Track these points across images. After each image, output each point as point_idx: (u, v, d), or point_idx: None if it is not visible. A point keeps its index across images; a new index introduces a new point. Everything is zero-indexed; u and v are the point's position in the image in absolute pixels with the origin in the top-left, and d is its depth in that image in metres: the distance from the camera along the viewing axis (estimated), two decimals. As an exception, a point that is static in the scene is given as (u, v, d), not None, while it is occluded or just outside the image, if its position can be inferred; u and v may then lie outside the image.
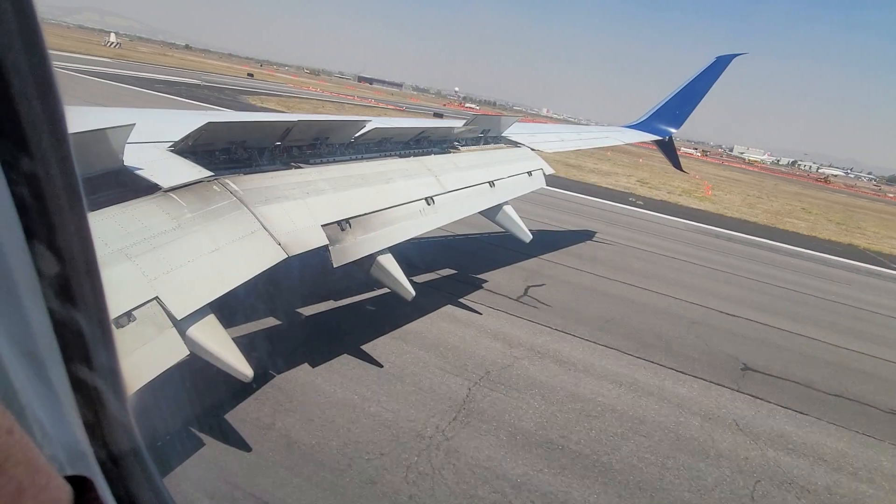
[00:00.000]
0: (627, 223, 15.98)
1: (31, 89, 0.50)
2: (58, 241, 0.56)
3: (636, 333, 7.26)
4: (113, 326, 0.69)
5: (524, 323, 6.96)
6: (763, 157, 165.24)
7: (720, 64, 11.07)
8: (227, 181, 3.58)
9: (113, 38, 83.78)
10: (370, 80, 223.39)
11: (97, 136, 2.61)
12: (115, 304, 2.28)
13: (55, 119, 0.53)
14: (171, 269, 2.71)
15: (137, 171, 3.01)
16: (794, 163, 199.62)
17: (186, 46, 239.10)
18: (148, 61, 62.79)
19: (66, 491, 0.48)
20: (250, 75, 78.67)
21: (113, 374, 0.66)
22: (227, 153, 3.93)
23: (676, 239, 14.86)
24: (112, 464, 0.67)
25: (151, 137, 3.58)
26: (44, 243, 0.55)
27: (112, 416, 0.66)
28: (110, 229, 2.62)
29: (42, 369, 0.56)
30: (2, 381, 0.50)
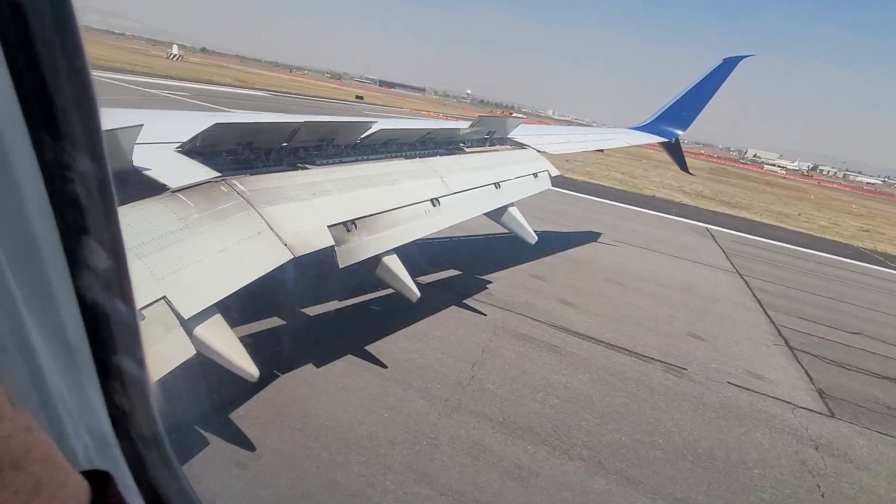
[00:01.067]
0: None
1: (70, 93, 0.53)
2: (90, 235, 0.58)
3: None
4: (140, 319, 0.71)
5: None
6: (797, 164, 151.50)
7: (727, 66, 11.02)
8: (234, 182, 3.60)
9: (175, 49, 77.95)
10: (391, 85, 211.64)
11: (107, 137, 2.63)
12: (135, 291, 2.32)
13: (91, 117, 0.56)
14: (178, 269, 2.73)
15: (145, 172, 3.04)
16: (814, 167, 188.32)
17: (203, 50, 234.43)
18: (262, 84, 52.89)
19: (84, 487, 0.48)
20: (359, 98, 68.94)
21: (139, 365, 0.67)
22: (234, 154, 3.95)
23: None
24: (136, 454, 0.68)
25: (159, 138, 3.61)
26: (76, 236, 0.57)
27: (137, 407, 0.67)
28: (119, 229, 2.64)
29: (73, 360, 0.58)
30: (34, 372, 0.51)
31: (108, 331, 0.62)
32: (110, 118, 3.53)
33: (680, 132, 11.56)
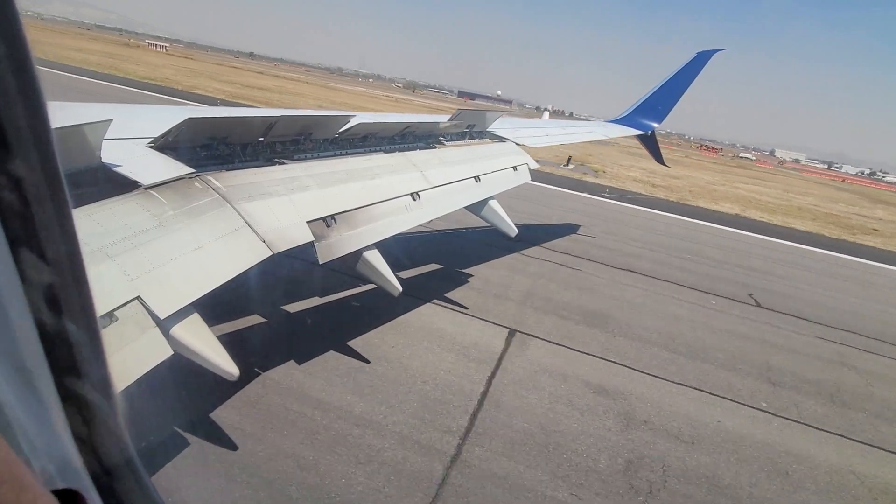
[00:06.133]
0: None
1: (11, 87, 0.47)
2: (43, 247, 0.53)
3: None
4: (102, 334, 0.66)
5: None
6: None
7: (701, 59, 11.22)
8: (209, 178, 3.51)
9: None
10: (472, 96, 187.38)
11: (73, 133, 2.55)
12: (96, 305, 2.24)
13: (38, 117, 0.50)
14: (152, 268, 2.66)
15: (116, 169, 2.94)
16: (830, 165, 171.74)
17: (251, 55, 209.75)
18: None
19: None
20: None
21: (103, 383, 0.64)
22: (208, 149, 3.86)
23: None
24: (104, 475, 0.65)
25: (130, 134, 3.49)
26: (28, 249, 0.52)
27: (103, 426, 0.64)
28: (89, 228, 2.55)
29: (29, 381, 0.54)
30: None
31: (68, 351, 0.58)
32: (76, 113, 3.40)
33: (655, 125, 11.73)
